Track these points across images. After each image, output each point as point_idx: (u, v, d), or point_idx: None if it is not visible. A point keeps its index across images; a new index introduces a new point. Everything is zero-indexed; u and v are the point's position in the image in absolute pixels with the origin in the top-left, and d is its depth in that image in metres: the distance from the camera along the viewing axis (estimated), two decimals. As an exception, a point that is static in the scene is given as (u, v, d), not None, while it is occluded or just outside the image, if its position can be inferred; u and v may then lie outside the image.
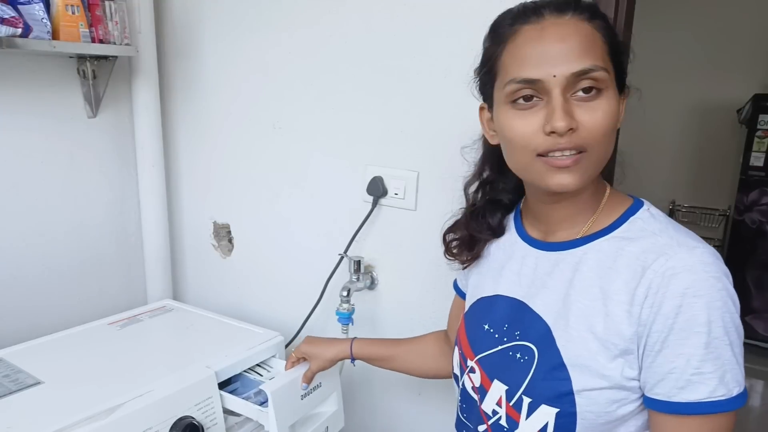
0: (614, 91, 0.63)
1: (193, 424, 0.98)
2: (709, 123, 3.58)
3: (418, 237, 1.28)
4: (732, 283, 0.60)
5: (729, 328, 0.59)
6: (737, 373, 0.59)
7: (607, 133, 0.62)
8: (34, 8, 1.18)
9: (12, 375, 1.02)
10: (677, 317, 0.59)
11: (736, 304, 0.60)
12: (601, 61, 0.61)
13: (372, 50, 1.26)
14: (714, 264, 0.60)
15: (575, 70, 0.60)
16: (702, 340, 0.58)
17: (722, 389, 0.58)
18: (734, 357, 0.59)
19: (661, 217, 0.67)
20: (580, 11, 0.63)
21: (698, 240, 0.63)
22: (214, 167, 1.58)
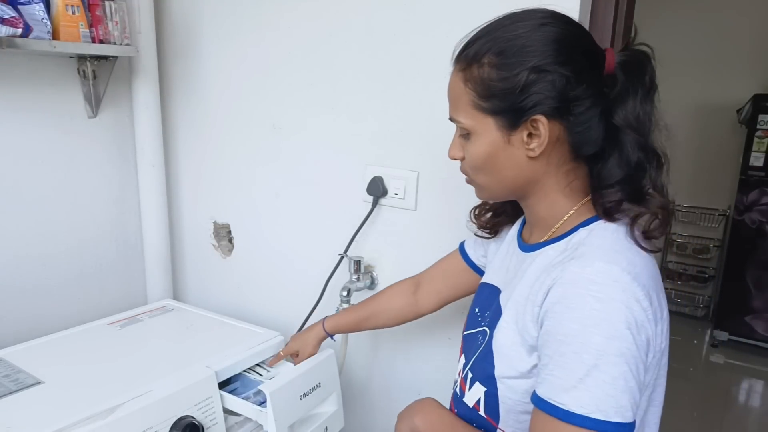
0: (490, 133, 0.70)
1: (193, 424, 0.98)
2: (709, 123, 3.58)
3: (418, 237, 1.28)
4: (630, 312, 0.59)
5: (593, 349, 0.58)
6: (589, 396, 0.58)
7: (476, 168, 0.74)
8: (34, 8, 1.18)
9: (12, 375, 1.02)
10: (549, 321, 0.63)
11: (618, 332, 0.58)
12: (461, 114, 0.72)
13: (372, 50, 1.26)
14: (603, 284, 0.60)
15: (450, 117, 0.75)
16: (561, 348, 0.61)
17: (565, 398, 0.59)
18: (591, 378, 0.58)
19: (607, 231, 0.68)
20: (460, 63, 0.72)
21: (613, 261, 0.62)
22: (214, 167, 1.59)
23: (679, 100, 3.64)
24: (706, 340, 3.49)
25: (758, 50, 3.38)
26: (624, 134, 0.69)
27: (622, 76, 0.69)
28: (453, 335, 1.27)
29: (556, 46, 0.66)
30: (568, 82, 0.66)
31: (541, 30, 0.67)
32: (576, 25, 0.71)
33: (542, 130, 0.67)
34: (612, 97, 0.69)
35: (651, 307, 0.61)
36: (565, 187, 0.72)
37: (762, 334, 3.24)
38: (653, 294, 0.63)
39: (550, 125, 0.67)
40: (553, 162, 0.71)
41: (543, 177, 0.72)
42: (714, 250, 3.68)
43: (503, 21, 0.70)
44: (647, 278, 0.63)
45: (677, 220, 3.77)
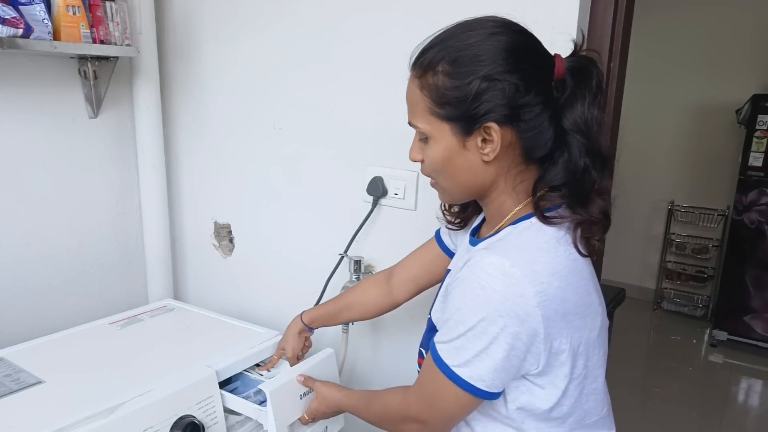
0: (446, 138, 0.73)
1: (193, 423, 0.98)
2: (708, 123, 3.59)
3: (418, 237, 1.28)
4: (509, 304, 0.66)
5: (465, 325, 0.68)
6: (456, 355, 0.70)
7: (435, 170, 0.77)
8: (35, 9, 1.18)
9: (13, 374, 1.02)
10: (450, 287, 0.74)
11: (489, 317, 0.67)
12: (418, 119, 0.75)
13: (372, 50, 1.26)
14: (491, 275, 0.67)
15: (408, 122, 0.78)
16: (444, 315, 0.73)
17: (441, 347, 0.72)
18: (460, 343, 0.69)
19: (522, 232, 0.72)
20: (416, 69, 0.75)
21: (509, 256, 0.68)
22: (215, 167, 1.59)
23: (678, 100, 3.65)
24: (705, 340, 3.50)
25: (757, 50, 3.39)
26: (571, 138, 0.71)
27: (571, 81, 0.72)
28: (453, 335, 1.27)
29: (506, 55, 0.69)
30: (517, 90, 0.69)
31: (491, 39, 0.70)
32: (526, 34, 0.74)
33: (495, 136, 0.70)
34: (561, 102, 0.72)
35: (539, 305, 0.66)
36: (512, 189, 0.76)
37: (761, 334, 3.25)
38: (551, 292, 0.67)
39: (502, 131, 0.70)
40: (505, 165, 0.74)
41: (496, 179, 0.75)
42: (713, 250, 3.69)
43: (456, 30, 0.74)
44: (549, 275, 0.67)
45: (676, 220, 3.78)
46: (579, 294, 0.71)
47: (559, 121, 0.72)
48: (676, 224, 3.79)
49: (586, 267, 0.74)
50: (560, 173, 0.72)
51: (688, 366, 3.17)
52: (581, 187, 0.72)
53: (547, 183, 0.73)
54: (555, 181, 0.73)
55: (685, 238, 3.76)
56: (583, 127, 0.71)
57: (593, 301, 0.74)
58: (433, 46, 0.74)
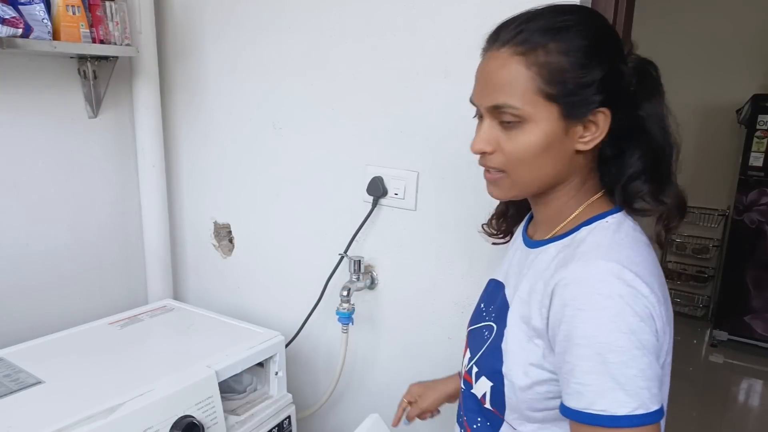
0: (547, 122, 0.66)
1: (193, 424, 0.98)
2: (709, 123, 3.59)
3: (418, 237, 1.28)
4: (639, 305, 0.60)
5: (614, 347, 0.59)
6: (625, 394, 0.58)
7: (523, 160, 0.68)
8: (34, 8, 1.18)
9: (13, 375, 1.02)
10: (563, 325, 0.62)
11: (633, 326, 0.59)
12: (516, 100, 0.66)
13: (372, 50, 1.26)
14: (607, 282, 0.60)
15: (489, 105, 0.68)
16: (582, 351, 0.60)
17: (603, 404, 0.59)
18: (622, 376, 0.58)
19: (610, 230, 0.69)
20: (517, 44, 0.66)
21: (614, 258, 0.62)
22: (215, 167, 1.59)
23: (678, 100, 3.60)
24: (705, 340, 3.49)
25: (758, 50, 3.39)
26: (648, 135, 0.70)
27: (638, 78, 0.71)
28: (453, 334, 1.27)
29: (614, 40, 0.69)
30: (627, 76, 0.68)
31: (603, 21, 0.69)
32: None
33: (601, 123, 0.67)
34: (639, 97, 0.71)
35: (657, 302, 0.62)
36: (581, 187, 0.73)
37: (761, 334, 3.25)
38: (657, 290, 0.63)
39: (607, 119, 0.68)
40: (588, 158, 0.71)
41: (573, 173, 0.71)
42: (713, 250, 3.69)
43: (558, 9, 0.69)
44: (649, 275, 0.63)
45: (677, 220, 3.77)
46: (666, 292, 0.67)
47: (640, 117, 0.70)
48: (676, 224, 3.79)
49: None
50: (637, 163, 0.69)
51: (688, 366, 3.17)
52: (660, 176, 0.70)
53: (624, 175, 0.70)
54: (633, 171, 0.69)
55: (685, 238, 3.76)
56: (659, 124, 0.70)
57: (669, 300, 0.69)
58: (533, 19, 0.67)
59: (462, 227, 1.21)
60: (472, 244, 1.20)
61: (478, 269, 1.21)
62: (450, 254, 1.24)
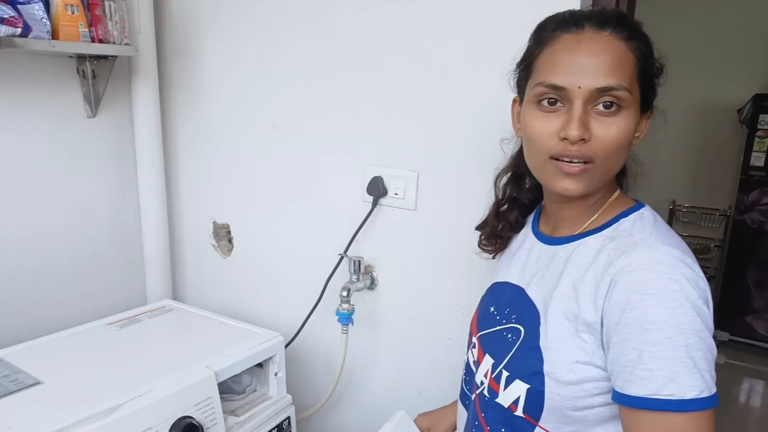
0: (635, 111, 0.67)
1: (192, 425, 0.98)
2: (710, 123, 3.58)
3: (418, 237, 1.28)
4: (700, 289, 0.61)
5: (684, 329, 0.59)
6: (693, 377, 0.58)
7: (618, 149, 0.67)
8: (33, 8, 1.17)
9: (12, 375, 1.02)
10: (630, 312, 0.61)
11: (698, 308, 0.60)
12: (626, 81, 0.65)
13: (372, 50, 1.25)
14: (674, 266, 0.61)
15: (599, 86, 0.64)
16: (652, 336, 0.59)
17: (671, 388, 0.58)
18: (690, 359, 0.58)
19: (649, 220, 0.70)
20: (619, 29, 0.66)
21: (671, 244, 0.64)
22: (214, 167, 1.58)
23: (679, 100, 3.64)
24: (706, 341, 3.49)
25: (758, 50, 3.38)
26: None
27: None
28: (453, 335, 1.27)
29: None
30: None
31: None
32: None
33: (647, 121, 0.71)
34: None
35: (708, 289, 0.63)
36: (613, 180, 0.74)
37: (762, 335, 3.24)
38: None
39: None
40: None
41: None
42: (714, 250, 3.68)
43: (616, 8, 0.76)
44: (695, 264, 0.65)
45: (678, 220, 3.77)
46: None
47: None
48: (677, 224, 3.78)
49: None
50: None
51: (689, 366, 3.17)
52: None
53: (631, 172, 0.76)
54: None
55: (686, 238, 3.74)
56: None
57: None
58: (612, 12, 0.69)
59: (462, 227, 1.21)
60: (472, 244, 1.20)
61: (478, 269, 1.20)
62: (450, 254, 1.24)
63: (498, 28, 1.09)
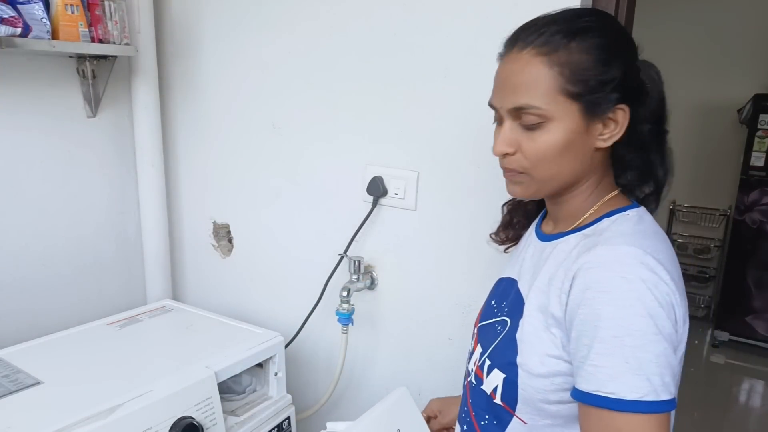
0: (569, 120, 0.68)
1: (192, 425, 0.98)
2: (710, 123, 3.58)
3: (418, 237, 1.28)
4: (659, 292, 0.60)
5: (632, 330, 0.59)
6: (637, 378, 0.58)
7: (547, 159, 0.69)
8: (33, 8, 1.17)
9: (12, 375, 1.02)
10: (584, 308, 0.62)
11: (652, 311, 0.59)
12: (540, 99, 0.67)
13: (372, 50, 1.25)
14: (631, 266, 0.61)
15: (512, 106, 0.69)
16: (600, 333, 0.60)
17: (612, 386, 0.59)
18: (636, 360, 0.58)
19: (632, 221, 0.70)
20: (540, 45, 0.67)
21: (637, 244, 0.63)
22: (214, 167, 1.58)
23: (679, 100, 3.63)
24: (706, 341, 3.49)
25: (758, 50, 3.38)
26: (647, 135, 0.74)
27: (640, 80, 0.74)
28: (453, 335, 1.27)
29: (630, 40, 0.71)
30: (640, 74, 0.71)
31: (613, 23, 0.72)
32: None
33: (621, 120, 0.69)
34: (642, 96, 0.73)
35: (678, 292, 0.62)
36: (599, 184, 0.75)
37: (763, 335, 3.24)
38: (678, 281, 0.64)
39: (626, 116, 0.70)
40: (606, 155, 0.73)
41: (591, 171, 0.73)
42: (714, 250, 3.68)
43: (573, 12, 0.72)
44: (670, 264, 0.64)
45: (678, 220, 3.77)
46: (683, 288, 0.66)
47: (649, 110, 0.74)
48: (677, 224, 3.78)
49: None
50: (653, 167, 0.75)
51: (689, 367, 3.17)
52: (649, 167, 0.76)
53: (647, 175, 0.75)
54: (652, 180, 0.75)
55: (686, 238, 3.76)
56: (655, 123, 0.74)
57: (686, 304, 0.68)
58: (554, 22, 0.69)
59: (462, 227, 1.21)
60: (472, 244, 1.20)
61: (478, 269, 1.20)
62: (450, 254, 1.24)
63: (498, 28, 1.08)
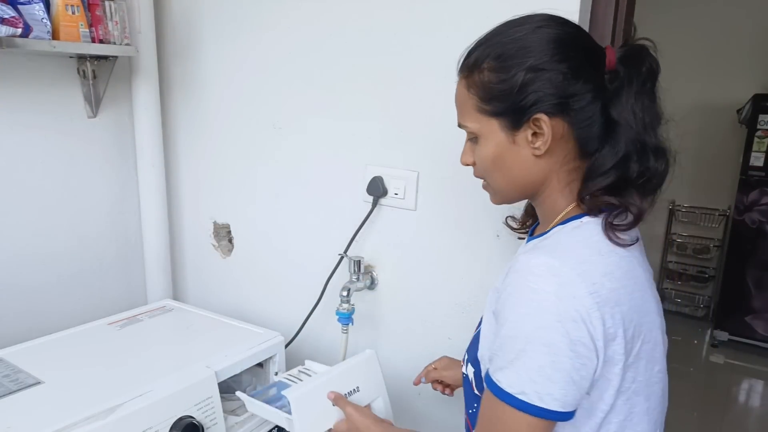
0: (497, 135, 0.72)
1: (193, 424, 0.98)
2: (709, 123, 3.58)
3: (418, 237, 1.28)
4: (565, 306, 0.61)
5: (523, 336, 0.62)
6: (517, 377, 0.62)
7: (489, 168, 0.76)
8: (34, 8, 1.18)
9: (12, 375, 1.02)
10: (500, 307, 0.67)
11: (549, 322, 0.61)
12: (467, 119, 0.75)
13: (372, 50, 1.26)
14: (540, 276, 0.63)
15: (458, 124, 0.78)
16: (502, 331, 0.65)
17: (499, 375, 0.65)
18: (521, 362, 0.62)
19: (571, 232, 0.70)
20: (462, 71, 0.75)
21: (557, 256, 0.64)
22: (214, 167, 1.59)
23: (679, 100, 3.62)
24: (706, 340, 3.49)
25: (758, 50, 3.38)
26: (621, 128, 0.69)
27: (623, 69, 0.70)
28: (453, 335, 1.27)
29: (553, 45, 0.68)
30: (565, 79, 0.67)
31: (537, 32, 0.69)
32: (573, 26, 0.73)
33: (545, 128, 0.69)
34: (612, 92, 0.70)
35: (596, 306, 0.62)
36: (565, 187, 0.73)
37: (762, 334, 3.24)
38: (606, 295, 0.63)
39: (553, 122, 0.68)
40: (558, 160, 0.72)
41: (549, 176, 0.73)
42: (714, 250, 3.68)
43: (502, 27, 0.73)
44: (604, 278, 0.63)
45: (677, 220, 3.77)
46: (634, 299, 0.66)
47: (610, 112, 0.70)
48: (677, 224, 3.78)
49: (643, 274, 0.70)
50: (605, 161, 0.69)
51: (689, 366, 3.17)
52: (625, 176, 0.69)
53: (596, 174, 0.70)
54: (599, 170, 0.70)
55: (686, 238, 3.76)
56: (631, 116, 0.68)
57: (650, 309, 0.69)
58: (479, 45, 0.73)
59: (462, 227, 1.21)
60: (472, 244, 1.20)
61: (477, 269, 1.20)
62: (450, 254, 1.24)
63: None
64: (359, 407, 0.93)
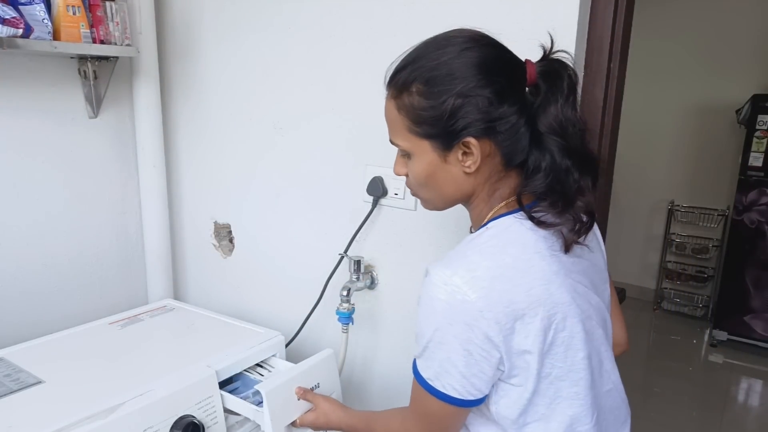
0: (429, 152, 0.75)
1: (193, 423, 0.98)
2: (708, 123, 3.59)
3: (418, 237, 1.28)
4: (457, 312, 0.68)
5: (426, 336, 0.72)
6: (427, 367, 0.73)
7: (420, 183, 0.80)
8: (35, 9, 1.18)
9: (13, 374, 1.02)
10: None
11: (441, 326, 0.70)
12: (398, 137, 0.78)
13: (372, 50, 1.26)
14: (436, 286, 0.70)
15: (389, 140, 0.81)
16: (416, 329, 0.75)
17: (418, 361, 0.75)
18: (427, 356, 0.73)
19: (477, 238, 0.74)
20: (391, 90, 0.78)
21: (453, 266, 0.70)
22: (215, 167, 1.59)
23: (678, 100, 3.65)
24: (705, 340, 3.50)
25: (757, 50, 3.39)
26: (548, 140, 0.73)
27: (544, 85, 0.73)
28: (453, 335, 1.27)
29: (477, 70, 0.71)
30: (491, 103, 0.71)
31: (462, 56, 0.72)
32: (496, 46, 0.75)
33: (474, 149, 0.73)
34: (536, 106, 0.73)
35: (488, 307, 0.68)
36: (490, 196, 0.78)
37: (761, 334, 3.25)
38: (503, 296, 0.68)
39: (481, 144, 0.72)
40: (485, 174, 0.76)
41: (477, 188, 0.78)
42: (713, 250, 3.69)
43: (427, 48, 0.75)
44: (494, 281, 0.69)
45: (676, 220, 3.78)
46: (533, 295, 0.69)
47: (535, 125, 0.73)
48: (676, 224, 3.79)
49: (551, 267, 0.71)
50: (542, 177, 0.73)
51: (688, 366, 3.17)
52: (564, 189, 0.72)
53: (531, 189, 0.74)
54: (538, 186, 0.73)
55: (685, 238, 3.76)
56: (558, 128, 0.72)
57: (562, 300, 0.71)
58: (405, 66, 0.75)
59: (462, 227, 1.21)
60: (472, 244, 1.20)
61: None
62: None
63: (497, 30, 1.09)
64: (328, 399, 1.03)
